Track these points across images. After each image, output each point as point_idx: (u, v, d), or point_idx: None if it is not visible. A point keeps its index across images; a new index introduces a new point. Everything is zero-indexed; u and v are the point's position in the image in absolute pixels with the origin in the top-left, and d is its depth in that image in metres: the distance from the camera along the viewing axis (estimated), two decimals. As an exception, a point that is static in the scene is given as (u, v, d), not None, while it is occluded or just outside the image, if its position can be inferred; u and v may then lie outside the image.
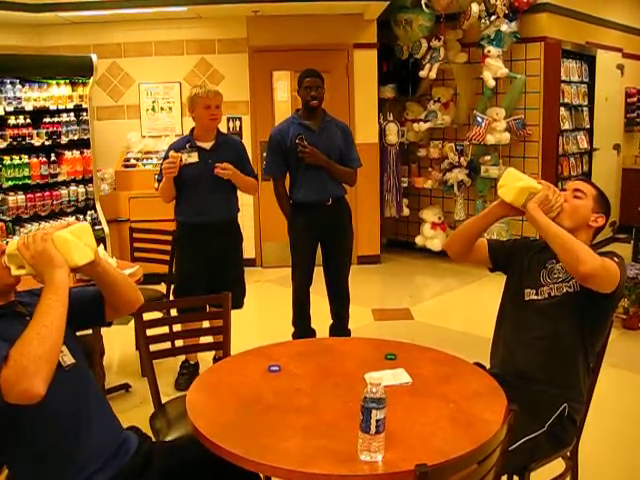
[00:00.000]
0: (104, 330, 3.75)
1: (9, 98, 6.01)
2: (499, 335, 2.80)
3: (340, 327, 4.94)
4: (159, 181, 4.43)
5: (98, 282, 2.20)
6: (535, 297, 2.65)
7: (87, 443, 2.03)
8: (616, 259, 2.45)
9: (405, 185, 8.03)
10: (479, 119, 7.04)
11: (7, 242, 2.03)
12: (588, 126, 8.29)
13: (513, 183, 2.61)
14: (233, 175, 4.36)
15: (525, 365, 2.61)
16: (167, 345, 3.13)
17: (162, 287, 4.99)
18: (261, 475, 2.22)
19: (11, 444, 1.96)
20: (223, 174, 4.31)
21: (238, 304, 4.44)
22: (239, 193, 4.63)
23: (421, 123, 7.66)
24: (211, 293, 4.19)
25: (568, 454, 2.66)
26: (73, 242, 2.00)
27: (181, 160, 4.24)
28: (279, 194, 4.83)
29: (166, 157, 4.37)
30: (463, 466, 1.75)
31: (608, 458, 3.53)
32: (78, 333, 2.26)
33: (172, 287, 4.68)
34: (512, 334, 2.70)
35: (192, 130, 4.47)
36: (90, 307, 2.25)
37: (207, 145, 4.38)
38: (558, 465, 2.65)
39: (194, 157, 4.28)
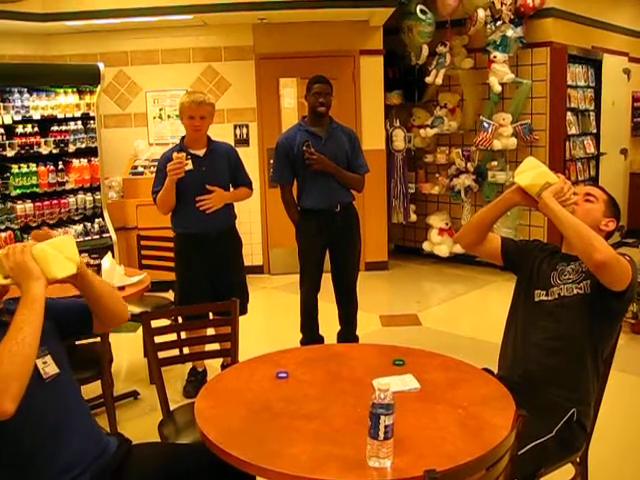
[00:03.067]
0: (112, 337, 3.75)
1: (17, 107, 6.05)
2: (508, 336, 2.79)
3: (348, 333, 4.94)
4: (156, 192, 4.34)
5: (83, 294, 2.24)
6: (545, 298, 2.65)
7: (64, 453, 2.03)
8: (628, 258, 2.45)
9: (412, 191, 8.02)
10: (485, 124, 7.04)
11: None
12: (595, 131, 8.28)
13: (531, 169, 2.62)
14: (221, 201, 4.38)
15: (533, 366, 2.60)
16: (175, 352, 3.13)
17: (170, 294, 4.99)
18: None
19: None
20: (210, 205, 4.34)
21: (242, 310, 4.43)
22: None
23: (428, 129, 7.66)
24: (214, 301, 4.21)
25: (578, 459, 2.65)
26: (52, 255, 2.02)
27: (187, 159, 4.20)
28: (287, 201, 4.83)
29: (160, 168, 4.34)
30: (472, 471, 1.75)
31: (618, 464, 3.51)
32: (86, 341, 2.27)
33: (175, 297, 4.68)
34: (521, 335, 2.69)
35: (183, 138, 4.46)
36: (77, 318, 2.29)
37: (200, 152, 4.36)
38: (568, 471, 2.64)
39: (189, 165, 4.23)
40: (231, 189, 4.57)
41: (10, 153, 5.98)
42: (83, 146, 6.51)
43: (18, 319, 1.88)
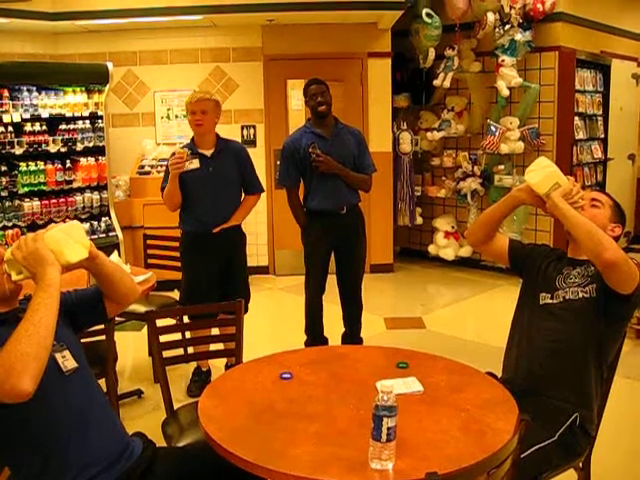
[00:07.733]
0: (117, 336, 3.76)
1: (25, 105, 6.07)
2: (513, 339, 2.79)
3: (352, 335, 4.94)
4: (164, 188, 4.40)
5: (96, 276, 2.25)
6: (550, 301, 2.65)
7: (89, 446, 2.04)
8: (636, 262, 2.45)
9: (418, 194, 8.03)
10: (493, 128, 7.04)
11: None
12: (602, 136, 8.25)
13: (542, 169, 2.63)
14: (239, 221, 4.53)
15: (537, 369, 2.60)
16: (180, 352, 3.14)
17: (175, 294, 5.01)
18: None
19: (15, 446, 1.99)
20: None
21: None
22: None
23: (435, 132, 7.65)
24: (218, 299, 4.22)
25: (580, 465, 2.65)
26: (64, 240, 2.04)
27: (187, 157, 4.24)
28: (294, 205, 4.82)
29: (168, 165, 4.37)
30: (474, 475, 1.75)
31: (621, 470, 3.50)
32: (91, 339, 2.28)
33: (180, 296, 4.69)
34: (526, 338, 2.70)
35: (193, 137, 4.49)
36: (91, 305, 2.30)
37: (208, 152, 4.38)
38: (570, 476, 2.64)
39: (195, 163, 4.28)
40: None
41: (18, 151, 6.00)
42: (91, 145, 6.52)
43: (34, 302, 1.88)
